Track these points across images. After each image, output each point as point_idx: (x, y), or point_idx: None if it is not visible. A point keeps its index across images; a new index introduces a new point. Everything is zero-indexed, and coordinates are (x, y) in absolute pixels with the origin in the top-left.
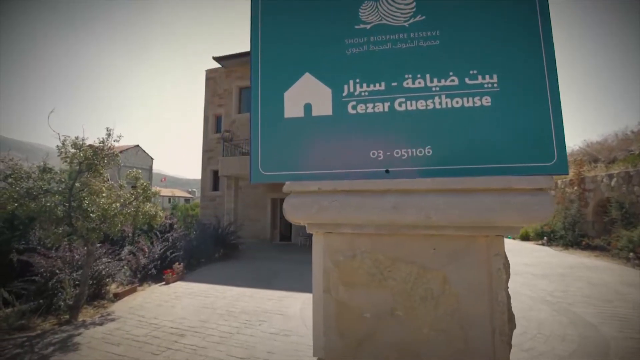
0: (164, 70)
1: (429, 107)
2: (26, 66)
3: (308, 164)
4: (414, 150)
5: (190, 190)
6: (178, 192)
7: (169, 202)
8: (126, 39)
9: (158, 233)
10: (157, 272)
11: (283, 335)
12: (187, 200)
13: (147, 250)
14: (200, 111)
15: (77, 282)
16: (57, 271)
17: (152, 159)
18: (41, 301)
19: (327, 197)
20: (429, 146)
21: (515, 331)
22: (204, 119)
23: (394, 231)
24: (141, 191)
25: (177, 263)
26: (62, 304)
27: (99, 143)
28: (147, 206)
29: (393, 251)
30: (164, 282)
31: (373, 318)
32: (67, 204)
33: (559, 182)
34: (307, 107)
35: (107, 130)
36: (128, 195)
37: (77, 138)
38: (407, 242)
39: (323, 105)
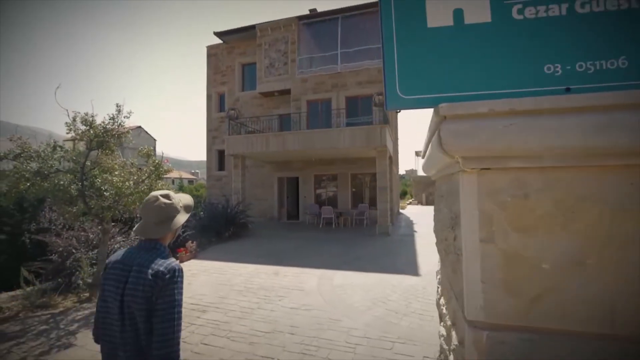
0: (164, 49)
1: (622, 7)
2: (23, 48)
3: (461, 83)
4: (603, 62)
5: (193, 171)
6: (182, 174)
7: (173, 183)
8: (123, 16)
9: None
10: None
11: (304, 310)
12: (190, 181)
13: None
14: (202, 91)
15: (93, 261)
16: (74, 250)
17: (155, 140)
18: (60, 279)
19: (501, 120)
20: (624, 56)
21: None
22: (206, 97)
23: (581, 162)
24: (153, 168)
25: (190, 242)
26: (81, 282)
27: (109, 119)
28: (159, 184)
29: (577, 188)
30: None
31: (554, 269)
32: (80, 183)
33: None
34: (458, 13)
35: (117, 106)
36: (140, 172)
37: (86, 114)
38: (595, 177)
39: (478, 9)
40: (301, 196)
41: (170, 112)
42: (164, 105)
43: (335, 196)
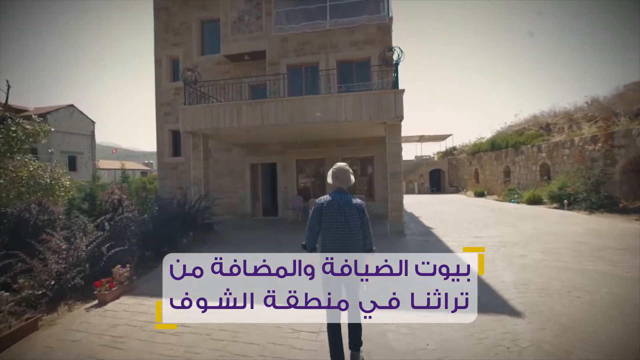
0: (108, 17)
1: None
2: None
3: None
4: None
5: (146, 162)
6: (132, 165)
7: (123, 174)
8: None
9: (83, 217)
10: (85, 282)
11: None
12: (144, 173)
13: (63, 248)
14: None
15: None
16: None
17: (93, 122)
18: None
19: None
20: None
21: None
22: (155, 62)
23: None
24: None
25: (118, 266)
26: None
27: None
28: (32, 167)
29: None
30: (95, 302)
31: None
32: None
33: (576, 139)
34: None
35: None
36: None
37: None
38: None
39: None
40: (280, 187)
41: (120, 97)
42: (113, 85)
43: (322, 186)
